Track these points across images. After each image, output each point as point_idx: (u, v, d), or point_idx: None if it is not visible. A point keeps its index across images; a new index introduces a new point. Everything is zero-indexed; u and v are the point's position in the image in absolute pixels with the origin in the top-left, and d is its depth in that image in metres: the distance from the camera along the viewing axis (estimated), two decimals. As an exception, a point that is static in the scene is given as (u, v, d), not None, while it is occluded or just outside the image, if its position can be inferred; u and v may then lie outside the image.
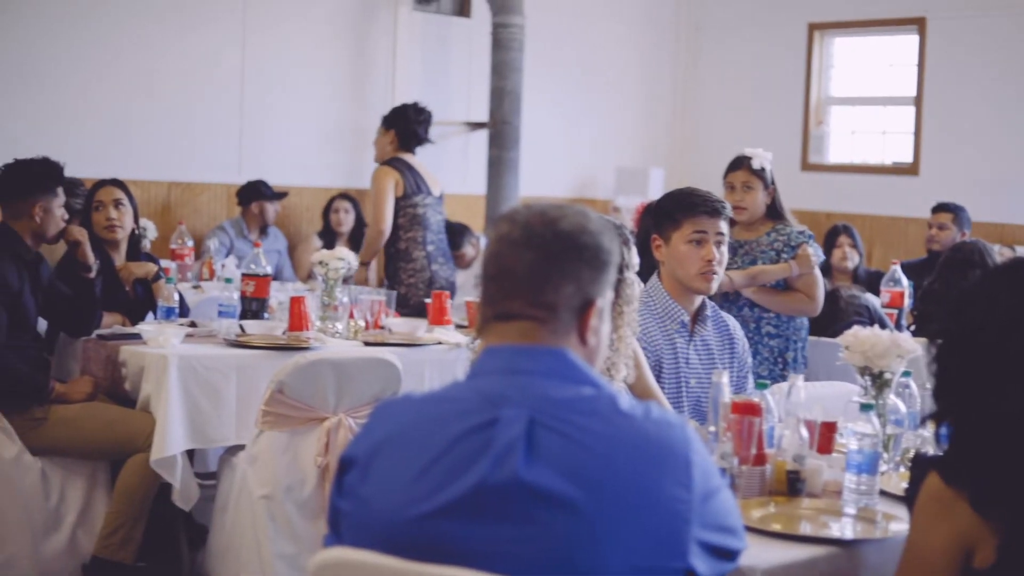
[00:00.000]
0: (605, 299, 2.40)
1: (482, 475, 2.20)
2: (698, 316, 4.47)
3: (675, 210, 4.43)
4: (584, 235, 2.35)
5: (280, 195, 9.15)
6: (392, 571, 2.22)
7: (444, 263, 7.56)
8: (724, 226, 4.42)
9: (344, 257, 5.86)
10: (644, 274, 4.13)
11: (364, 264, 7.42)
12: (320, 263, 5.87)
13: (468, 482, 2.20)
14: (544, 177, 11.27)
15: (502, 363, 2.33)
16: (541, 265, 2.33)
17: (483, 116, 10.71)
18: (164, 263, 6.55)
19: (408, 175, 7.45)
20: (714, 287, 4.42)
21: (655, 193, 10.92)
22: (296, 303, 5.53)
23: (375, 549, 2.24)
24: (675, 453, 2.24)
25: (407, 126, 7.65)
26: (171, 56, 9.24)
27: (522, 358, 2.32)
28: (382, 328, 5.95)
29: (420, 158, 7.73)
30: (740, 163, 5.68)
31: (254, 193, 9.05)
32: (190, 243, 7.79)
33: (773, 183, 5.67)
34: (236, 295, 5.71)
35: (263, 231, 9.04)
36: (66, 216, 5.40)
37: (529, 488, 2.19)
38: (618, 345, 3.80)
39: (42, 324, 5.53)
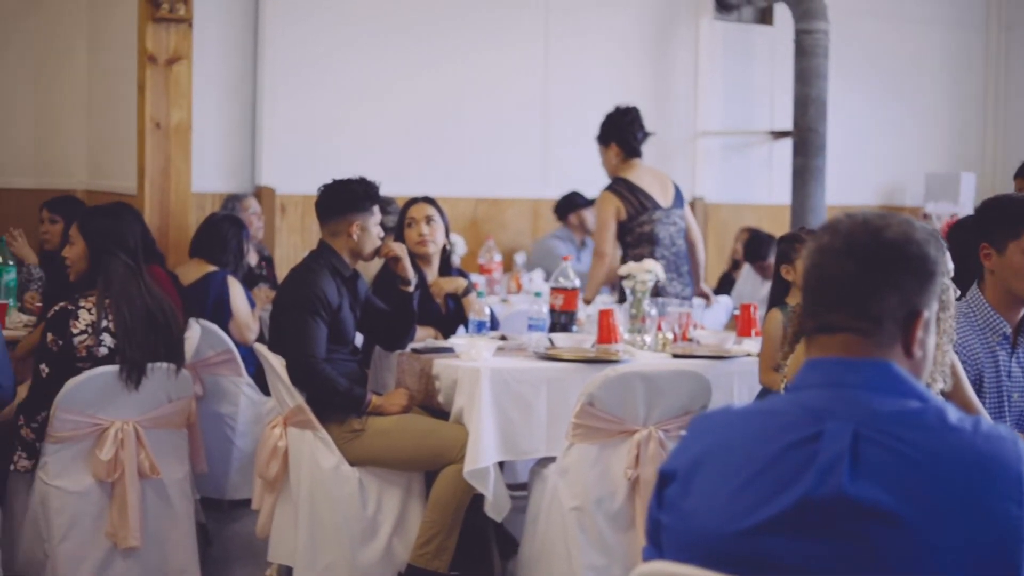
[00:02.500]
0: (931, 310, 2.32)
1: (806, 490, 2.15)
2: (1021, 328, 4.28)
3: (1015, 217, 4.19)
4: (910, 244, 2.28)
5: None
6: (714, 586, 2.19)
7: (676, 278, 7.26)
8: None
9: (652, 269, 5.85)
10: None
11: (588, 302, 6.87)
12: (627, 276, 5.88)
13: (791, 497, 2.16)
14: (850, 185, 11.07)
15: (825, 376, 2.28)
16: (865, 276, 2.27)
17: (787, 125, 10.57)
18: (473, 277, 6.66)
19: (630, 197, 7.18)
20: None
21: (966, 199, 10.59)
22: (605, 316, 5.54)
23: (696, 563, 2.22)
24: (1007, 468, 2.16)
25: (623, 134, 7.33)
26: (476, 76, 9.43)
27: (846, 371, 2.26)
28: (690, 340, 5.91)
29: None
30: None
31: (571, 204, 9.16)
32: (498, 258, 7.90)
33: None
34: (545, 308, 5.77)
35: (584, 242, 9.13)
36: (381, 234, 5.54)
37: (854, 503, 2.13)
38: (936, 354, 3.68)
39: (359, 338, 5.69)
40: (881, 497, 2.12)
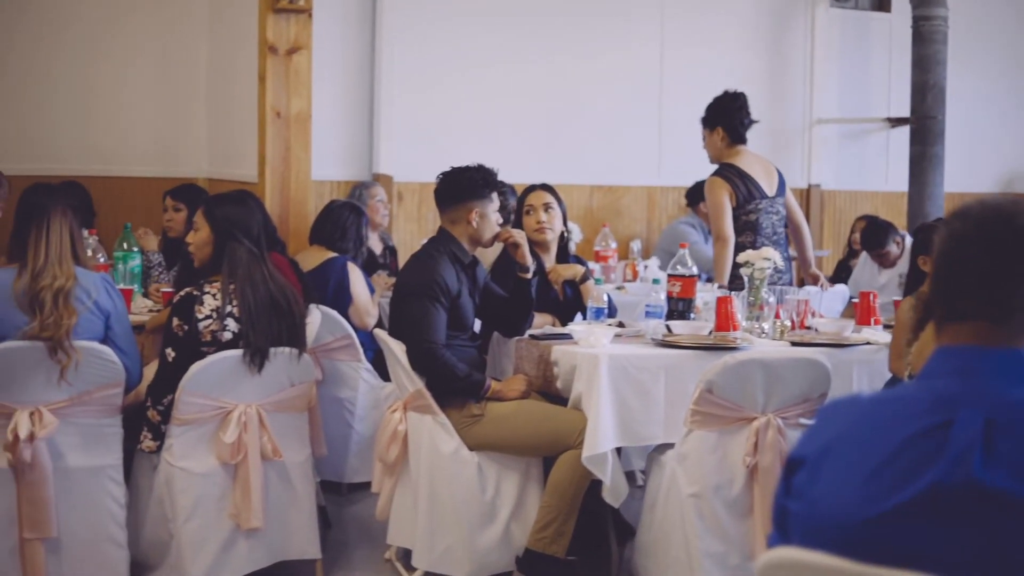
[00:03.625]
0: (1065, 299, 2.30)
1: (937, 477, 2.14)
2: None
3: None
4: (1043, 231, 2.26)
5: None
6: (843, 573, 2.19)
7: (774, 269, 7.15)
8: None
9: (770, 257, 5.83)
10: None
11: (723, 287, 6.70)
12: (745, 263, 5.86)
13: (922, 484, 2.15)
14: (969, 172, 10.92)
15: (956, 364, 2.26)
16: (997, 263, 2.25)
17: (904, 111, 10.46)
18: (589, 265, 6.66)
19: (739, 183, 7.09)
20: None
21: (1089, 186, 10.43)
22: (723, 303, 5.52)
23: (825, 550, 2.22)
24: None
25: (731, 119, 7.22)
26: (593, 64, 9.44)
27: (978, 359, 2.25)
28: (808, 328, 5.88)
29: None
30: None
31: (703, 192, 9.14)
32: (613, 245, 7.91)
33: None
34: (663, 296, 5.77)
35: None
36: (500, 220, 5.58)
37: (986, 490, 2.12)
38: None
39: (477, 324, 5.73)
40: (1013, 485, 2.11)
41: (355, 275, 6.85)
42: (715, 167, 7.18)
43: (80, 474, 5.00)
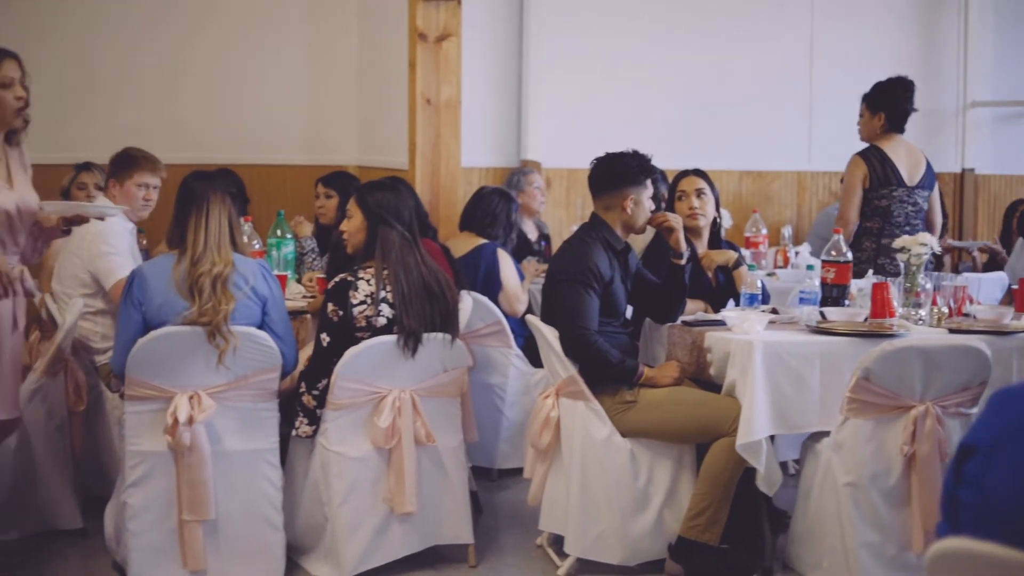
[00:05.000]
0: None
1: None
2: None
3: None
4: None
5: None
6: (1018, 565, 2.14)
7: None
8: None
9: (927, 242, 5.72)
10: None
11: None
12: (902, 248, 5.76)
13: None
14: None
15: None
16: None
17: (1064, 93, 10.22)
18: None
19: (878, 166, 7.04)
20: None
21: None
22: (879, 289, 5.43)
23: (1000, 541, 2.17)
24: None
25: (896, 107, 7.16)
26: (742, 48, 9.36)
27: None
28: (966, 315, 5.76)
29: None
30: None
31: None
32: (764, 231, 7.83)
33: None
34: (817, 282, 5.69)
35: None
36: (653, 207, 5.54)
37: None
38: None
39: (629, 311, 5.71)
40: None
41: (505, 261, 6.87)
42: (863, 147, 7.11)
43: (238, 457, 5.09)
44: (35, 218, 5.02)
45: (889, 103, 7.16)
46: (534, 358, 6.31)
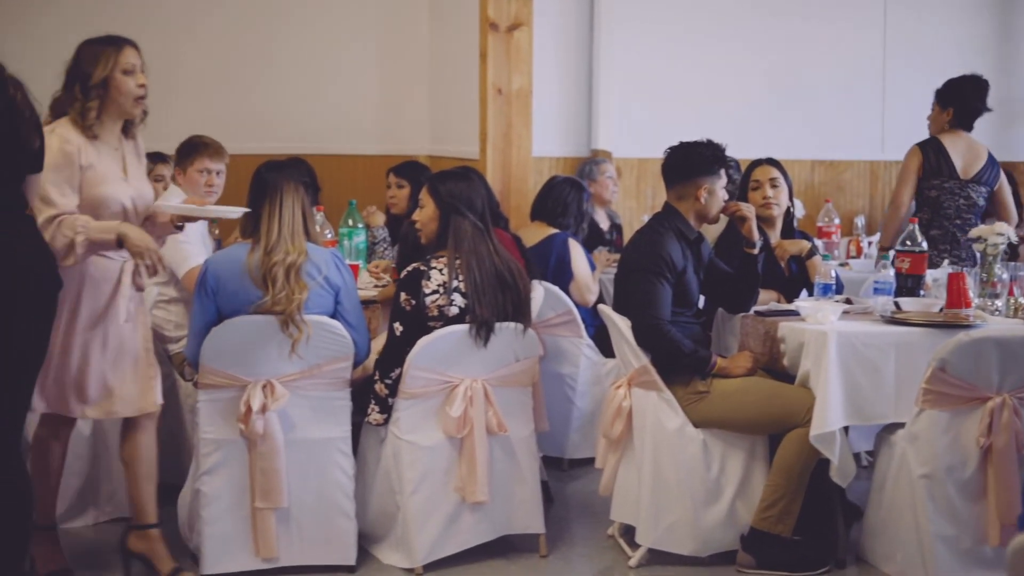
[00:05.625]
0: None
1: None
2: None
3: None
4: None
5: None
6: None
7: (949, 250, 7.00)
8: None
9: (1003, 232, 5.66)
10: None
11: (884, 249, 6.90)
12: (978, 239, 5.70)
13: None
14: None
15: None
16: None
17: None
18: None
19: (933, 157, 7.04)
20: None
21: None
22: (955, 280, 5.38)
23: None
24: None
25: (966, 104, 7.13)
26: (815, 38, 9.30)
27: None
28: (1043, 306, 5.69)
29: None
30: None
31: None
32: (837, 221, 7.77)
33: None
34: (891, 272, 5.64)
35: None
36: (726, 197, 5.52)
37: None
38: None
39: (701, 300, 5.68)
40: None
41: (576, 251, 6.85)
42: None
43: (310, 446, 5.12)
44: (149, 212, 5.03)
45: (958, 100, 7.16)
46: (605, 348, 6.29)
